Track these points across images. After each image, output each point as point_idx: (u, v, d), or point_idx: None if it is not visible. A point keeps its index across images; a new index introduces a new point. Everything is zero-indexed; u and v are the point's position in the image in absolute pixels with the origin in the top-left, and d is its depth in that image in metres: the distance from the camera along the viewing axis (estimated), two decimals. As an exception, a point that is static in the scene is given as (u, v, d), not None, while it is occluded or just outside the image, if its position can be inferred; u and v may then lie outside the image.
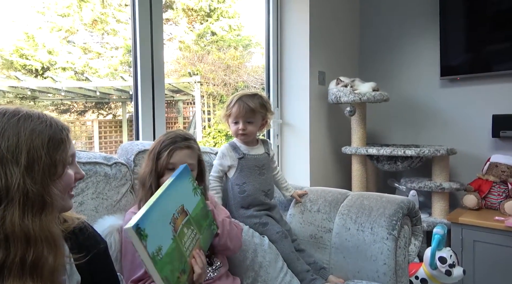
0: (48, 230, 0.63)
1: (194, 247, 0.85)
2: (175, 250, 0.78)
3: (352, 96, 2.12)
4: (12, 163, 0.61)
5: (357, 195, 1.51)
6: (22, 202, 0.61)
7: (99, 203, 1.10)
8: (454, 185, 2.09)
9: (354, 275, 1.35)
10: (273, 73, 2.30)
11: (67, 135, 0.71)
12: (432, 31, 2.44)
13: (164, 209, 0.79)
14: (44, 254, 0.62)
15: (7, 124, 0.64)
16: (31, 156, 0.63)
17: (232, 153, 1.38)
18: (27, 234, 0.61)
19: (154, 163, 1.05)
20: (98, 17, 6.02)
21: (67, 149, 0.70)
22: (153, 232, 0.73)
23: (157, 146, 1.07)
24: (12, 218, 0.60)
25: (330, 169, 2.43)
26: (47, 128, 0.67)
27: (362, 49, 2.75)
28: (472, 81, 2.34)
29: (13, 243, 0.60)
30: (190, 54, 6.71)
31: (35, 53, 5.41)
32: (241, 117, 1.35)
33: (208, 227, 0.97)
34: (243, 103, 1.34)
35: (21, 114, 0.66)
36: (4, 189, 0.60)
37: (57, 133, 0.68)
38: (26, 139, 0.64)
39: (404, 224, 1.36)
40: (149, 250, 0.70)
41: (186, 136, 1.10)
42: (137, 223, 0.70)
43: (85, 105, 6.20)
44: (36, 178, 0.63)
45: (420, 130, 2.55)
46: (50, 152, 0.66)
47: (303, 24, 2.21)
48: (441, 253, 1.66)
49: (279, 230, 1.35)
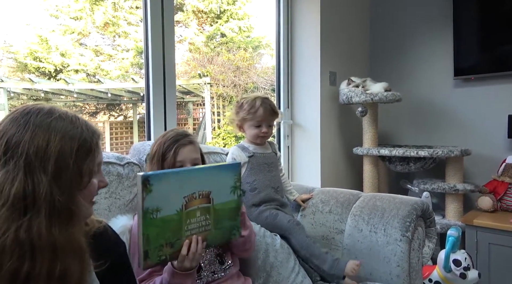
0: (74, 241, 0.61)
1: (198, 234, 0.84)
2: (174, 222, 0.79)
3: (363, 96, 2.10)
4: (40, 170, 0.59)
5: (370, 196, 1.50)
6: (49, 212, 0.58)
7: (112, 202, 1.11)
8: (468, 186, 2.05)
9: (367, 277, 1.33)
10: (284, 74, 2.29)
11: (97, 143, 0.68)
12: (445, 30, 2.40)
13: (187, 182, 0.80)
14: (70, 266, 0.60)
15: (38, 126, 0.61)
16: (59, 164, 0.60)
17: (242, 153, 1.39)
18: (54, 245, 0.58)
19: (159, 165, 1.05)
20: (109, 20, 6.10)
21: (95, 157, 0.66)
22: (159, 193, 0.75)
23: (159, 148, 1.06)
24: (39, 228, 0.57)
25: (341, 170, 2.41)
26: (78, 134, 0.64)
27: (374, 49, 2.73)
28: (487, 81, 2.30)
29: (40, 254, 0.57)
30: (200, 55, 6.75)
31: (48, 56, 5.51)
32: (266, 121, 1.36)
33: (228, 229, 0.93)
34: (269, 106, 1.35)
35: (54, 116, 0.63)
36: (31, 197, 0.58)
37: (87, 140, 0.65)
38: (56, 145, 0.60)
39: (418, 225, 1.34)
40: (145, 203, 0.73)
41: (186, 133, 1.10)
42: (148, 175, 0.73)
43: (97, 106, 6.29)
44: (63, 188, 0.60)
45: (433, 131, 2.51)
46: (78, 160, 0.63)
47: (314, 24, 2.20)
48: (455, 256, 1.63)
49: (290, 219, 1.35)
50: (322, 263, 1.26)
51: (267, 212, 1.34)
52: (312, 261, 1.28)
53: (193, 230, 0.83)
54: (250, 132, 1.38)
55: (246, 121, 1.37)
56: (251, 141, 1.41)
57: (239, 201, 0.93)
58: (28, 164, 0.58)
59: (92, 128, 0.68)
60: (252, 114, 1.35)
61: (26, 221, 0.57)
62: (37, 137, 0.60)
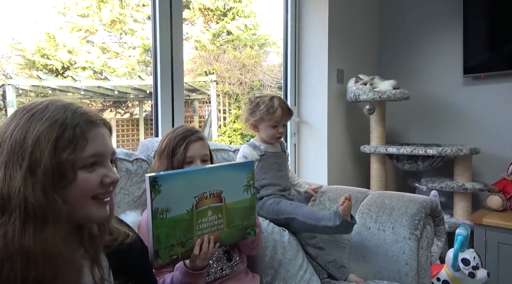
0: (51, 246, 0.54)
1: (210, 233, 0.84)
2: (184, 221, 0.79)
3: (371, 94, 2.09)
4: (16, 167, 0.53)
5: (378, 194, 1.49)
6: (23, 213, 0.53)
7: (121, 198, 1.12)
8: (477, 185, 2.03)
9: (375, 275, 1.33)
10: (291, 71, 2.29)
11: (86, 130, 0.58)
12: (454, 27, 2.37)
13: (197, 182, 0.80)
14: (46, 274, 0.54)
15: (21, 119, 0.56)
16: (33, 157, 0.54)
17: (254, 151, 1.38)
18: (27, 251, 0.53)
19: (169, 161, 1.05)
20: (116, 17, 6.12)
21: (83, 148, 0.57)
22: (168, 193, 0.75)
23: (169, 143, 1.07)
24: (13, 232, 0.52)
25: (348, 168, 2.40)
26: (59, 122, 0.56)
27: (382, 46, 2.71)
28: (497, 79, 2.27)
29: (14, 260, 0.52)
30: (206, 53, 6.74)
31: (56, 53, 5.55)
32: (283, 121, 1.37)
33: (242, 228, 0.92)
34: (286, 107, 1.37)
35: (40, 107, 0.57)
36: (6, 196, 0.53)
37: (70, 128, 0.56)
38: (33, 137, 0.54)
39: (426, 224, 1.33)
40: (154, 204, 0.73)
41: (195, 129, 1.11)
42: (156, 176, 0.73)
43: (103, 104, 6.32)
44: (38, 185, 0.53)
45: (442, 130, 2.49)
46: (57, 152, 0.55)
47: (322, 21, 2.19)
48: (464, 255, 1.62)
49: (292, 202, 1.35)
50: (328, 222, 1.23)
51: (271, 199, 1.35)
52: (319, 225, 1.25)
53: (205, 229, 0.83)
54: (267, 133, 1.38)
55: (264, 121, 1.36)
56: (266, 141, 1.41)
57: (252, 199, 0.92)
58: (7, 160, 0.54)
59: (86, 115, 0.60)
60: (271, 115, 1.34)
61: (2, 225, 0.53)
62: (17, 130, 0.55)
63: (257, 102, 1.38)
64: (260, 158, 1.37)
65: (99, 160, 0.61)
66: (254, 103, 1.38)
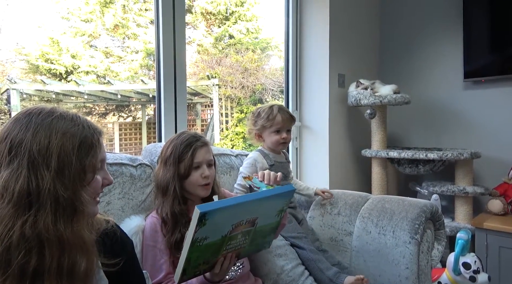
0: (80, 236, 0.63)
1: (233, 251, 0.85)
2: (216, 245, 0.78)
3: (372, 98, 2.11)
4: (43, 167, 0.60)
5: (378, 198, 1.50)
6: (54, 207, 0.60)
7: (125, 203, 1.13)
8: (478, 189, 2.04)
9: (375, 279, 1.34)
10: (292, 76, 2.30)
11: (99, 140, 0.69)
12: (455, 31, 2.39)
13: (239, 213, 0.78)
14: (77, 260, 0.62)
15: (40, 125, 0.63)
16: (61, 160, 0.62)
17: (264, 159, 1.40)
18: (61, 240, 0.60)
19: (176, 167, 1.06)
20: (119, 22, 6.17)
21: (97, 154, 0.68)
22: (211, 226, 0.73)
23: (175, 150, 1.08)
24: (45, 223, 0.59)
25: (350, 172, 2.42)
26: (79, 132, 0.66)
27: (383, 51, 2.73)
28: (497, 83, 2.28)
29: (48, 248, 0.59)
30: (208, 57, 6.78)
31: (59, 58, 5.60)
32: (285, 126, 1.39)
33: (261, 243, 0.93)
34: (286, 113, 1.39)
35: (55, 116, 0.65)
36: (35, 193, 0.59)
37: (88, 137, 0.67)
38: (57, 142, 0.62)
39: (427, 228, 1.34)
40: (196, 235, 0.73)
41: (199, 135, 1.13)
42: (206, 212, 0.70)
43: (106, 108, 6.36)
44: (67, 183, 0.62)
45: (443, 134, 2.50)
46: (80, 157, 0.64)
47: (323, 26, 2.21)
48: (465, 259, 1.63)
49: (300, 231, 1.37)
50: (332, 276, 1.27)
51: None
52: (322, 269, 1.29)
53: (230, 248, 0.83)
54: (271, 139, 1.40)
55: (266, 128, 1.40)
56: (272, 148, 1.42)
57: (279, 221, 0.91)
58: (31, 161, 0.60)
59: (93, 126, 0.70)
60: (271, 121, 1.38)
61: (31, 217, 0.58)
62: (39, 135, 0.62)
63: (258, 112, 1.42)
64: (269, 168, 1.38)
65: (103, 164, 0.72)
66: (255, 114, 1.43)
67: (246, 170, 1.39)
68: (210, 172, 1.09)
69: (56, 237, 0.59)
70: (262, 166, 1.38)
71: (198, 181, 1.07)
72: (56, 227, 0.60)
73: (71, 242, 0.61)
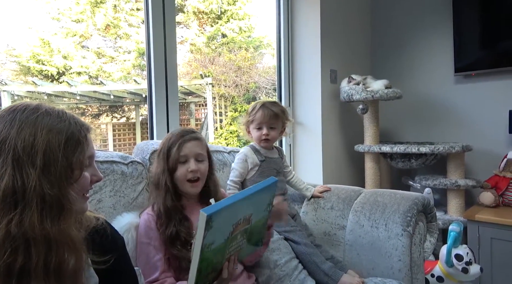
0: (67, 234, 0.62)
1: (235, 252, 0.84)
2: (221, 249, 0.77)
3: (364, 94, 2.12)
4: (28, 164, 0.59)
5: (371, 192, 1.51)
6: (40, 205, 0.59)
7: (117, 201, 1.13)
8: (470, 182, 2.06)
9: (369, 271, 1.35)
10: (285, 73, 2.31)
11: (86, 136, 0.68)
12: (445, 26, 2.41)
13: (237, 211, 0.78)
14: (65, 258, 0.61)
15: (24, 122, 0.61)
16: (47, 157, 0.60)
17: (255, 155, 1.41)
18: (48, 238, 0.59)
19: (165, 161, 1.07)
20: (110, 22, 6.13)
21: (84, 150, 0.66)
22: (216, 227, 0.72)
23: (165, 144, 1.09)
24: (31, 221, 0.58)
25: (343, 167, 2.43)
26: (65, 128, 0.64)
27: (374, 46, 2.74)
28: (487, 77, 2.30)
29: (34, 247, 0.58)
30: (201, 56, 6.76)
31: (51, 59, 5.55)
32: (265, 123, 1.39)
33: (255, 242, 0.93)
34: (267, 109, 1.38)
35: (40, 112, 0.63)
36: (20, 191, 0.58)
37: (75, 133, 0.65)
38: (43, 139, 0.61)
39: (419, 220, 1.36)
40: (205, 240, 0.71)
41: (192, 130, 1.13)
42: (212, 214, 0.69)
43: (99, 108, 6.32)
44: (53, 181, 0.60)
45: (434, 128, 2.52)
46: (66, 153, 0.63)
47: (314, 22, 2.21)
48: (457, 251, 1.64)
49: (293, 224, 1.38)
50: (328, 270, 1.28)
51: None
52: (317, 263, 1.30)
53: (232, 251, 0.82)
54: (254, 135, 1.42)
55: (249, 124, 1.42)
56: (258, 144, 1.44)
57: (268, 214, 0.91)
58: (16, 159, 0.59)
59: (80, 122, 0.68)
60: (253, 116, 1.40)
61: (16, 215, 0.57)
62: (24, 132, 0.60)
63: (248, 108, 1.44)
64: (260, 163, 1.39)
65: (91, 161, 0.71)
66: (248, 110, 1.44)
67: (238, 165, 1.39)
68: (199, 166, 1.07)
69: (43, 235, 0.59)
70: (253, 161, 1.39)
71: (185, 176, 1.06)
72: (43, 226, 0.59)
73: (58, 240, 0.60)
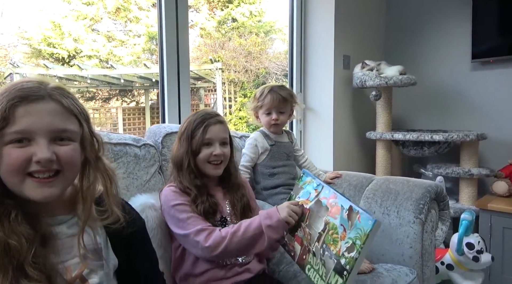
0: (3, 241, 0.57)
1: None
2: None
3: (378, 80, 2.08)
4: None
5: (383, 179, 1.50)
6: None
7: (130, 183, 1.14)
8: (483, 171, 2.03)
9: (379, 258, 1.35)
10: (297, 58, 2.27)
11: (15, 107, 0.58)
12: (463, 11, 2.33)
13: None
14: (26, 258, 0.57)
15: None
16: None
17: (265, 140, 1.42)
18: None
19: (188, 143, 1.06)
20: (121, 5, 6.08)
21: (6, 123, 0.58)
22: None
23: (189, 126, 1.08)
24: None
25: (354, 154, 2.41)
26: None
27: (389, 32, 2.68)
28: (506, 64, 2.24)
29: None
30: (211, 41, 6.70)
31: (61, 42, 5.55)
32: (274, 108, 1.39)
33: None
34: (276, 94, 1.38)
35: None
36: None
37: (0, 104, 0.58)
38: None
39: (431, 208, 1.34)
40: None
41: (216, 112, 1.13)
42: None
43: (110, 92, 6.34)
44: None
45: (448, 115, 2.47)
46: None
47: (328, 7, 2.16)
48: (468, 239, 1.64)
49: None
50: None
51: (284, 195, 1.37)
52: None
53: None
54: (263, 120, 1.43)
55: (258, 109, 1.42)
56: (268, 129, 1.44)
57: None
58: None
59: (22, 91, 0.59)
60: (262, 102, 1.40)
61: None
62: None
63: (256, 93, 1.43)
64: (270, 148, 1.40)
65: (29, 136, 0.59)
66: (255, 94, 1.44)
67: (248, 150, 1.41)
68: (223, 150, 1.07)
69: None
70: (263, 145, 1.39)
71: (208, 158, 1.05)
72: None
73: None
